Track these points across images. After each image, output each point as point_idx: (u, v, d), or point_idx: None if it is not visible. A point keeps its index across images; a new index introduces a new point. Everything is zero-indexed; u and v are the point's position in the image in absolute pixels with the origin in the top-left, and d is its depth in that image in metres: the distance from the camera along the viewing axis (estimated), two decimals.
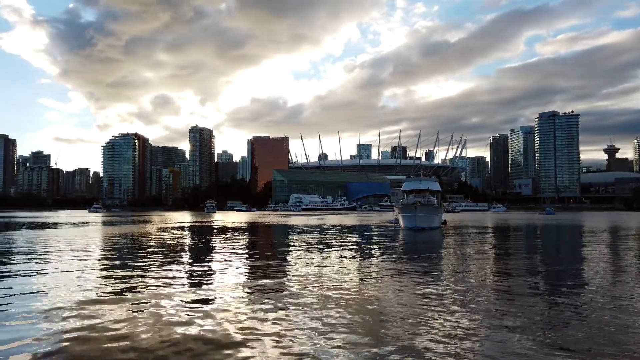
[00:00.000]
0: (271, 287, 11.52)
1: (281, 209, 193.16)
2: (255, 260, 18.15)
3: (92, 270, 14.57)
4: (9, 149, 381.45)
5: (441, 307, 8.99)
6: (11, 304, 9.48)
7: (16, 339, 6.98)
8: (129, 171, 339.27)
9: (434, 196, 42.83)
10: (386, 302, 9.58)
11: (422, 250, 23.24)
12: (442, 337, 6.97)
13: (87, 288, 11.34)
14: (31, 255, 19.08)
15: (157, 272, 14.11)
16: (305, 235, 33.84)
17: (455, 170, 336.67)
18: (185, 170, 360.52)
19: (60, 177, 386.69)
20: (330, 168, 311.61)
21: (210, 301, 9.94)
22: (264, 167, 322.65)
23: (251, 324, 7.95)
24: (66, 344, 6.81)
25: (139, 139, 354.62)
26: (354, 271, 14.37)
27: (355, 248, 22.99)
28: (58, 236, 31.77)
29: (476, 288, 11.08)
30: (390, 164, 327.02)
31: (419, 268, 14.93)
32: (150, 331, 7.46)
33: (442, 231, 36.70)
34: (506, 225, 51.18)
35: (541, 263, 17.51)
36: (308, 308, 9.06)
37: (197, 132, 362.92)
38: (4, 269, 14.92)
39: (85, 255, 19.02)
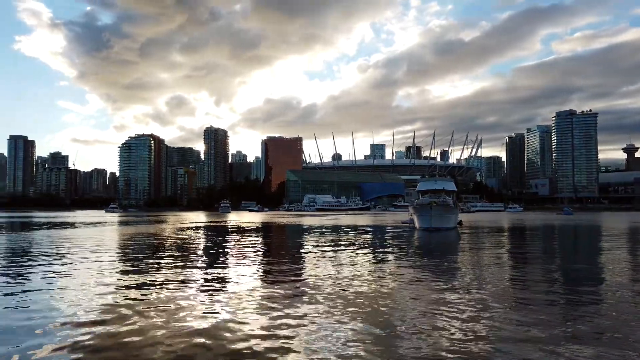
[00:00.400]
0: (285, 288, 11.49)
1: (295, 209, 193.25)
2: (270, 260, 18.14)
3: (110, 269, 14.75)
4: (28, 150, 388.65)
5: (458, 312, 8.82)
6: (31, 301, 9.68)
7: (35, 336, 7.08)
8: (144, 171, 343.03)
9: (450, 196, 42.40)
10: (401, 305, 9.46)
11: (438, 251, 22.98)
12: (460, 345, 6.83)
13: (105, 285, 11.55)
14: (50, 254, 19.39)
15: (173, 271, 14.18)
16: (320, 235, 33.75)
17: (470, 170, 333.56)
18: (200, 170, 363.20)
19: (78, 177, 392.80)
20: (344, 168, 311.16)
21: (225, 301, 9.96)
22: (277, 168, 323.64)
23: (266, 323, 7.96)
24: (85, 341, 6.91)
25: (155, 139, 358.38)
26: (369, 272, 14.22)
27: (370, 249, 22.84)
28: (76, 236, 32.19)
29: (493, 292, 10.86)
30: (405, 164, 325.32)
31: (434, 269, 14.76)
32: (167, 329, 7.50)
33: (457, 232, 36.31)
34: (523, 226, 50.43)
35: (559, 266, 17.12)
36: (323, 310, 8.98)
37: (212, 133, 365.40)
38: (25, 267, 15.19)
39: (103, 255, 19.28)
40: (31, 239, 29.10)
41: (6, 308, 9.34)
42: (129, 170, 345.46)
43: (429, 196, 41.43)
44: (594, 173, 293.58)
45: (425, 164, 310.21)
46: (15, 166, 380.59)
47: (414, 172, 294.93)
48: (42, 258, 18.13)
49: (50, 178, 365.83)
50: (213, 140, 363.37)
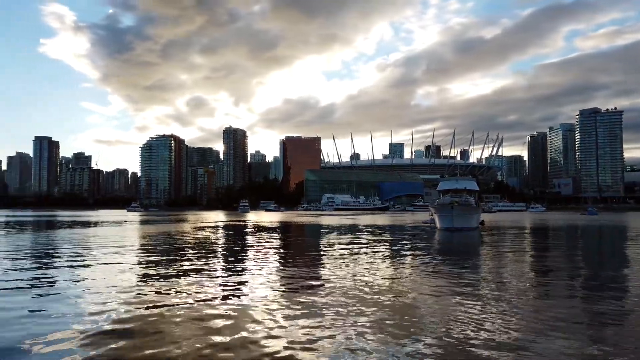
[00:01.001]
0: (304, 287, 11.38)
1: (313, 208, 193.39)
2: (288, 259, 18.04)
3: (132, 267, 14.94)
4: (52, 151, 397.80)
5: (479, 316, 8.52)
6: (56, 297, 9.82)
7: (58, 332, 7.16)
8: (165, 171, 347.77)
9: (472, 196, 41.75)
10: (422, 308, 9.22)
11: (459, 251, 22.59)
12: (481, 353, 6.59)
13: (127, 282, 11.69)
14: (74, 252, 19.67)
15: (193, 269, 14.18)
16: (338, 235, 33.58)
17: (491, 170, 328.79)
18: (220, 170, 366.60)
19: (101, 177, 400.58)
20: (362, 168, 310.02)
21: (243, 300, 9.92)
22: (296, 167, 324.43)
23: (283, 322, 7.91)
24: (106, 338, 6.97)
25: (175, 140, 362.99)
26: (388, 273, 13.99)
27: (390, 249, 22.58)
28: (99, 235, 32.70)
29: (517, 298, 10.41)
30: (424, 163, 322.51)
31: (456, 271, 14.42)
32: (185, 328, 7.50)
33: (479, 232, 35.71)
34: (547, 226, 49.36)
35: (588, 269, 16.61)
36: (341, 310, 8.84)
37: (231, 133, 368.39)
38: (50, 264, 15.44)
39: (125, 253, 19.66)
40: (56, 237, 29.61)
41: (35, 298, 9.74)
42: (150, 170, 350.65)
43: (450, 196, 40.85)
44: (619, 172, 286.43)
45: (445, 164, 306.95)
46: (40, 166, 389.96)
47: (433, 171, 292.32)
48: (67, 256, 18.40)
49: (74, 178, 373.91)
50: (232, 140, 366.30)
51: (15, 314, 8.53)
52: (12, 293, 10.62)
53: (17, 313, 8.61)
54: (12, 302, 9.64)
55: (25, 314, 8.57)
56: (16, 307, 9.14)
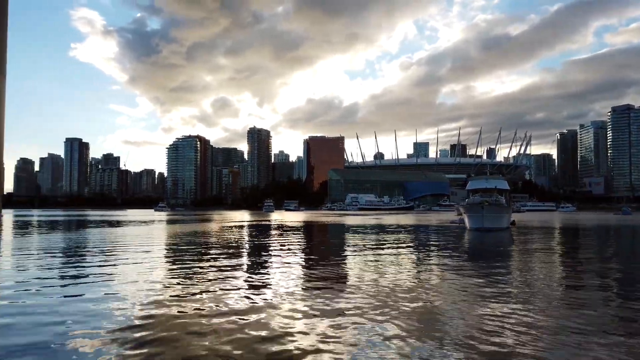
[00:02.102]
0: (327, 288, 11.13)
1: (337, 208, 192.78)
2: (311, 259, 17.76)
3: (160, 265, 15.15)
4: (82, 152, 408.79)
5: (508, 324, 7.91)
6: (87, 293, 9.82)
7: (89, 328, 7.12)
8: (191, 172, 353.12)
9: (502, 195, 40.57)
10: (447, 312, 8.68)
11: (490, 253, 21.77)
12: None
13: (155, 280, 11.83)
14: (105, 251, 19.92)
15: (219, 268, 14.12)
16: (363, 235, 33.07)
17: (519, 169, 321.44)
18: (244, 170, 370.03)
19: (129, 177, 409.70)
20: (386, 167, 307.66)
21: (267, 299, 9.83)
22: (319, 167, 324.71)
23: (304, 323, 7.78)
24: (135, 335, 7.04)
25: (201, 140, 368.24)
26: (414, 275, 13.43)
27: (416, 249, 21.96)
28: (129, 234, 33.11)
29: (549, 305, 9.66)
30: (449, 162, 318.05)
31: (485, 273, 13.75)
32: (212, 325, 7.47)
33: (510, 233, 34.63)
34: (580, 227, 47.67)
35: (625, 273, 15.68)
36: (365, 313, 8.57)
37: (255, 133, 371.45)
38: (82, 263, 15.64)
39: (154, 251, 19.89)
40: (87, 236, 30.05)
41: (66, 297, 9.92)
42: (176, 170, 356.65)
43: (480, 195, 39.78)
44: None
45: (471, 163, 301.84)
46: (71, 167, 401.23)
47: (459, 170, 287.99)
48: (97, 255, 18.67)
49: (103, 178, 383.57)
50: (256, 140, 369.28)
51: (45, 313, 8.47)
52: (42, 291, 10.64)
53: (47, 311, 8.53)
54: (42, 300, 9.65)
55: (54, 312, 8.48)
56: (46, 304, 9.17)
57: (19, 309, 8.91)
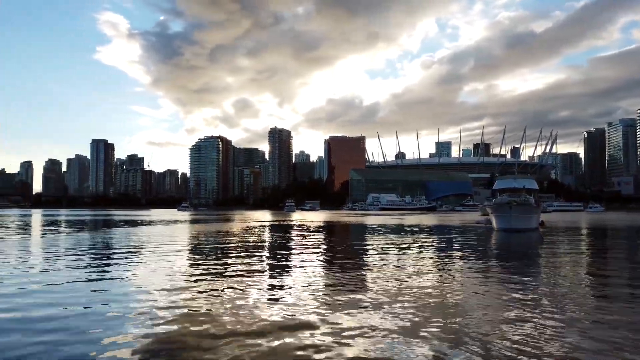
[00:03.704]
0: (348, 289, 10.91)
1: (358, 208, 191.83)
2: (332, 259, 17.47)
3: (184, 263, 15.42)
4: (108, 153, 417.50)
5: (535, 330, 7.37)
6: (112, 288, 9.87)
7: (111, 329, 7.12)
8: (213, 172, 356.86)
9: (531, 195, 39.41)
10: (471, 316, 8.21)
11: (518, 254, 21.01)
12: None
13: (179, 278, 11.88)
14: (131, 250, 20.20)
15: (242, 267, 14.09)
16: (384, 235, 32.53)
17: (544, 168, 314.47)
18: (265, 170, 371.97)
19: (152, 178, 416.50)
20: (408, 167, 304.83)
21: (286, 299, 9.80)
22: (340, 167, 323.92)
23: (323, 322, 7.70)
24: (157, 331, 7.17)
25: (222, 141, 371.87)
26: (438, 277, 12.92)
27: (440, 250, 21.37)
28: (153, 233, 33.47)
29: (579, 312, 8.85)
30: (472, 162, 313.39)
31: (513, 277, 13.11)
32: (234, 325, 7.42)
33: (539, 233, 33.61)
34: (611, 228, 46.03)
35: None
36: (386, 315, 8.35)
37: (276, 134, 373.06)
38: (109, 261, 15.84)
39: (178, 250, 20.20)
40: (114, 236, 30.50)
41: (93, 292, 10.28)
42: (198, 170, 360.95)
43: (508, 195, 38.75)
44: None
45: (495, 162, 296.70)
46: (97, 168, 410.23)
47: (482, 170, 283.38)
48: (123, 253, 18.97)
49: (128, 179, 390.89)
50: (277, 140, 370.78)
51: (71, 312, 8.45)
52: (69, 289, 10.69)
53: (72, 311, 8.48)
54: (69, 298, 9.70)
55: (80, 312, 8.43)
56: (73, 303, 9.23)
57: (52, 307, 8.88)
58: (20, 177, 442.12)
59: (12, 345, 6.51)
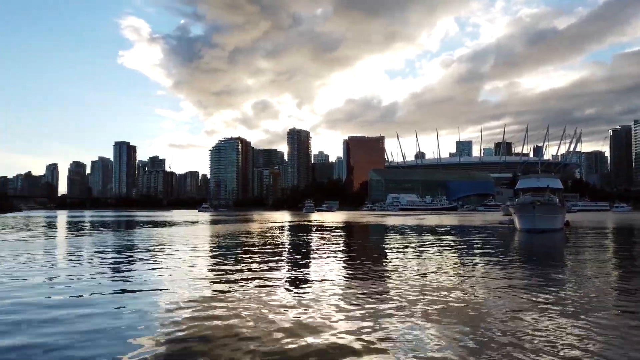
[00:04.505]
0: (369, 287, 10.94)
1: (378, 208, 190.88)
2: (352, 260, 17.31)
3: (204, 263, 15.51)
4: (130, 155, 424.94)
5: (559, 337, 7.18)
6: (137, 288, 10.01)
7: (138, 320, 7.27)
8: (233, 173, 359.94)
9: (555, 194, 38.52)
10: (491, 321, 8.01)
11: (542, 256, 20.53)
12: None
13: (200, 277, 11.87)
14: (154, 249, 20.55)
15: (260, 267, 14.11)
16: (404, 236, 32.25)
17: (568, 167, 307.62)
18: (284, 171, 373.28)
19: (174, 179, 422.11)
20: (428, 167, 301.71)
21: (308, 300, 9.73)
22: (359, 167, 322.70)
23: (350, 321, 7.71)
24: (179, 331, 7.22)
25: (242, 142, 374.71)
26: (459, 279, 12.68)
27: (462, 252, 21.04)
28: (176, 233, 33.96)
29: (605, 318, 8.52)
30: (494, 161, 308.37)
31: (536, 279, 12.79)
32: (254, 324, 7.40)
33: (565, 234, 32.85)
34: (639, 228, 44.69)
35: None
36: (406, 310, 8.40)
37: (295, 134, 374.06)
38: (133, 261, 16.11)
39: (199, 250, 20.39)
40: (138, 236, 31.13)
41: (117, 289, 10.22)
42: (218, 172, 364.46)
43: (531, 194, 37.97)
44: None
45: (517, 161, 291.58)
46: (120, 169, 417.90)
47: (504, 169, 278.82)
48: (147, 253, 19.38)
49: (150, 180, 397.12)
50: (296, 141, 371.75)
51: (96, 311, 8.53)
52: (93, 288, 10.84)
53: (98, 310, 8.57)
54: (93, 297, 9.83)
55: (105, 311, 8.51)
56: (98, 302, 9.38)
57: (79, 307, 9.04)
58: (46, 180, 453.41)
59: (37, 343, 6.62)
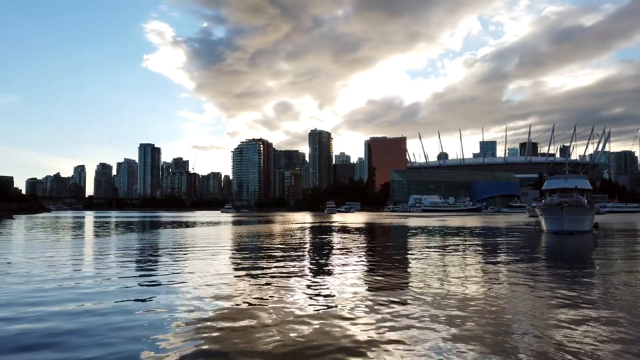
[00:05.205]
0: (391, 289, 10.88)
1: (400, 209, 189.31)
2: (374, 261, 17.20)
3: (227, 263, 15.65)
4: (155, 157, 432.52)
5: (585, 343, 6.86)
6: (161, 286, 10.19)
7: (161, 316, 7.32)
8: (255, 174, 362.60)
9: (583, 195, 37.44)
10: (517, 326, 7.76)
11: (569, 259, 19.94)
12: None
13: (222, 277, 11.90)
14: (179, 249, 20.91)
15: (282, 268, 14.16)
16: (427, 237, 31.82)
17: (596, 167, 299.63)
18: (306, 172, 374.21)
19: (197, 180, 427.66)
20: (451, 167, 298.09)
21: (330, 301, 9.70)
22: (381, 168, 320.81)
23: (372, 322, 7.70)
24: (202, 331, 7.20)
25: (264, 144, 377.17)
26: (483, 282, 12.40)
27: (488, 254, 20.58)
28: (200, 234, 34.37)
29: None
30: (519, 161, 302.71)
31: (564, 283, 12.34)
32: (275, 325, 7.46)
33: (593, 236, 31.88)
34: None
35: None
36: (429, 311, 8.34)
37: (316, 136, 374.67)
38: (157, 261, 16.35)
39: (222, 250, 20.60)
40: (163, 236, 31.77)
41: (143, 286, 10.33)
42: (241, 173, 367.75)
43: (559, 195, 36.99)
44: None
45: (543, 161, 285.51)
46: (144, 171, 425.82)
47: (529, 170, 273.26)
48: (172, 252, 19.77)
49: (174, 181, 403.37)
50: (317, 142, 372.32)
51: (121, 309, 8.61)
52: (119, 285, 11.00)
53: (123, 308, 8.67)
54: (118, 296, 9.93)
55: (131, 308, 8.60)
56: (123, 299, 9.48)
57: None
58: (74, 181, 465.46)
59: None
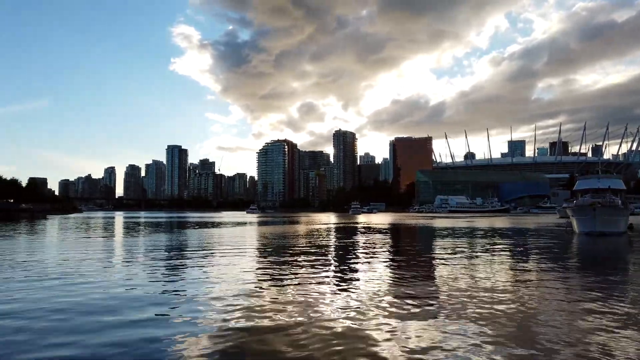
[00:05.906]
0: (416, 292, 10.75)
1: (426, 210, 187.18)
2: (400, 262, 17.09)
3: (252, 264, 15.84)
4: (182, 158, 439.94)
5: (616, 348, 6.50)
6: (189, 287, 10.28)
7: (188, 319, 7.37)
8: (280, 175, 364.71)
9: (617, 196, 36.23)
10: (547, 330, 7.60)
11: (603, 261, 19.30)
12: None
13: (248, 278, 12.06)
14: (207, 249, 21.22)
15: (306, 269, 14.17)
16: (453, 238, 31.33)
17: (631, 167, 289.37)
18: (330, 173, 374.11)
19: (223, 181, 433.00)
20: (478, 167, 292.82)
21: (355, 301, 9.75)
22: (406, 168, 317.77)
23: (395, 324, 7.53)
24: (228, 328, 7.28)
25: (288, 144, 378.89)
26: (512, 284, 12.17)
27: (517, 256, 20.15)
28: (227, 234, 34.89)
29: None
30: (549, 161, 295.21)
31: (596, 286, 11.99)
32: (301, 325, 7.47)
33: (628, 237, 30.82)
34: None
35: None
36: (452, 315, 8.27)
37: (340, 136, 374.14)
38: (186, 258, 16.64)
39: (248, 250, 20.86)
40: (191, 236, 32.32)
41: (169, 281, 10.15)
42: (265, 174, 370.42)
43: (591, 196, 35.90)
44: None
45: (574, 161, 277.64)
46: (172, 172, 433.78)
47: (560, 170, 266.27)
48: (200, 253, 20.09)
49: (200, 182, 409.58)
50: (342, 143, 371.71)
51: (144, 307, 8.77)
52: (148, 284, 11.22)
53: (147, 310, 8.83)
54: (145, 294, 10.11)
55: (154, 302, 8.74)
56: (148, 299, 9.67)
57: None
58: (104, 182, 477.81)
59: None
